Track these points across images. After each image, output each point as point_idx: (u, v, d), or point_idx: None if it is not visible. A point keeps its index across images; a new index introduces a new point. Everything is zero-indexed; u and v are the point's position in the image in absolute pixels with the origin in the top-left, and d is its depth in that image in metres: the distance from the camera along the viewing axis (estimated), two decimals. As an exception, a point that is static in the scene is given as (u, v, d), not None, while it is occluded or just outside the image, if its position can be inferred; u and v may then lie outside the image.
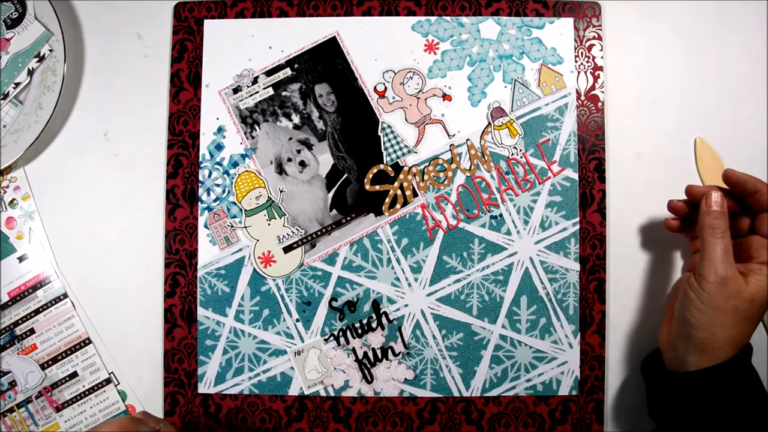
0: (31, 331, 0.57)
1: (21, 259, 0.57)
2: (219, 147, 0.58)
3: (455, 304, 0.57)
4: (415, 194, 0.57)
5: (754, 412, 0.45)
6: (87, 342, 0.57)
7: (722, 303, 0.45)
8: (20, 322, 0.57)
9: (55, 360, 0.57)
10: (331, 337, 0.57)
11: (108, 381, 0.57)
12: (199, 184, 0.58)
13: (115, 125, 0.59)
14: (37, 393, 0.57)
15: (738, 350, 0.46)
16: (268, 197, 0.58)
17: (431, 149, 0.58)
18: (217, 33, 0.59)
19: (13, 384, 0.57)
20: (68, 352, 0.57)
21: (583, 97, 0.58)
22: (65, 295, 0.57)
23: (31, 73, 0.57)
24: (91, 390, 0.57)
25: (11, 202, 0.57)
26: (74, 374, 0.57)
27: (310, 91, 0.58)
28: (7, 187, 0.58)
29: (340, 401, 0.57)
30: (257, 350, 0.57)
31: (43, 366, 0.57)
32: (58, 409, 0.57)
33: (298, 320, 0.57)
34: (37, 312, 0.57)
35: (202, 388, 0.57)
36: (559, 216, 0.57)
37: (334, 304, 0.57)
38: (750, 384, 0.46)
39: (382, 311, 0.57)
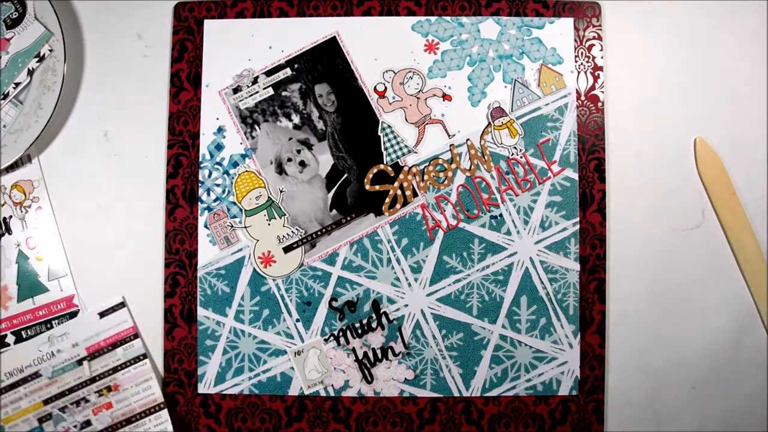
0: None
1: (102, 315, 0.56)
2: (219, 147, 0.58)
3: (455, 304, 0.57)
4: (415, 194, 0.57)
5: None
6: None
7: None
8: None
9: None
10: (331, 337, 0.57)
11: None
12: (199, 184, 0.58)
13: (115, 125, 0.59)
14: None
15: None
16: (268, 197, 0.58)
17: (431, 149, 0.58)
18: (217, 33, 0.59)
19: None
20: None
21: (583, 97, 0.58)
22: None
23: (31, 73, 0.57)
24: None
25: (32, 219, 0.57)
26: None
27: (310, 91, 0.58)
28: (29, 206, 0.57)
29: (340, 401, 0.57)
30: (257, 350, 0.57)
31: None
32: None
33: (298, 320, 0.57)
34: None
35: (202, 388, 0.57)
36: (559, 216, 0.57)
37: (334, 304, 0.57)
38: None
39: (382, 311, 0.57)
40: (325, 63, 0.58)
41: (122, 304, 0.57)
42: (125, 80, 0.59)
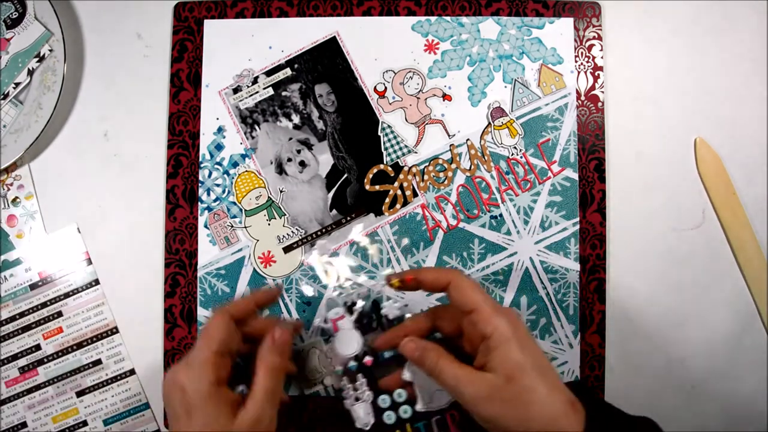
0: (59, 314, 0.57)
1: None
2: (219, 147, 0.58)
3: (455, 304, 0.57)
4: (415, 194, 0.57)
5: None
6: (115, 331, 0.57)
7: None
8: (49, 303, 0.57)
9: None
10: (331, 338, 0.57)
11: (132, 371, 0.57)
12: (199, 184, 0.58)
13: (115, 125, 0.59)
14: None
15: None
16: (268, 197, 0.58)
17: (431, 149, 0.58)
18: (217, 33, 0.59)
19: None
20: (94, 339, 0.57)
21: (583, 97, 0.58)
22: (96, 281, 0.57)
23: (31, 73, 0.57)
24: (115, 379, 0.57)
25: (14, 200, 0.57)
26: (98, 361, 0.57)
27: (310, 91, 0.58)
28: (11, 185, 0.58)
29: (340, 401, 0.56)
30: (257, 350, 0.57)
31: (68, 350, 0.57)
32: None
33: (297, 320, 0.57)
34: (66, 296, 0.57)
35: (202, 388, 0.57)
36: (559, 216, 0.57)
37: (334, 304, 0.57)
38: None
39: (382, 311, 0.56)
40: (325, 63, 0.58)
41: (77, 230, 0.57)
42: (125, 80, 0.59)
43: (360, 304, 0.52)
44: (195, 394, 0.41)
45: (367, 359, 0.50)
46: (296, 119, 0.58)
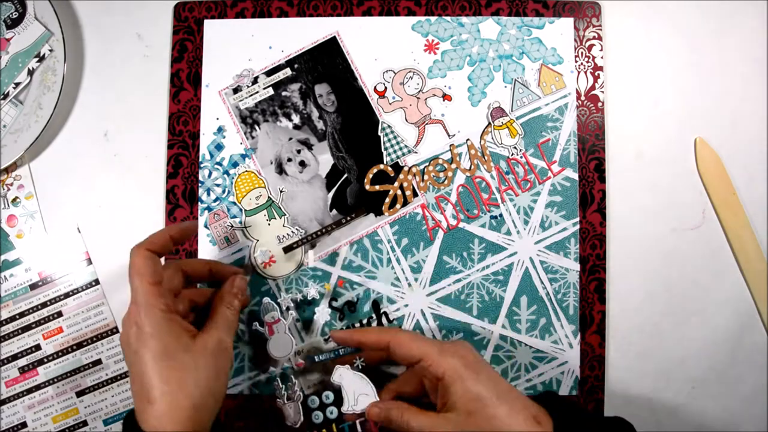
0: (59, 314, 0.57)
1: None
2: (219, 147, 0.58)
3: (455, 304, 0.57)
4: (415, 194, 0.57)
5: None
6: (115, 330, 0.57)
7: None
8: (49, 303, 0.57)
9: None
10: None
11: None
12: (199, 184, 0.58)
13: (115, 125, 0.59)
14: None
15: None
16: (268, 197, 0.58)
17: (431, 149, 0.58)
18: (217, 33, 0.59)
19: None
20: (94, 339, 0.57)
21: (583, 97, 0.58)
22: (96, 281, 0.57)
23: (31, 73, 0.57)
24: (115, 379, 0.57)
25: (14, 200, 0.57)
26: (98, 361, 0.57)
27: (310, 91, 0.58)
28: (11, 185, 0.58)
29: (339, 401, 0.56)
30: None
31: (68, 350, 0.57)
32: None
33: (298, 320, 0.57)
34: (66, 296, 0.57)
35: (202, 388, 0.57)
36: (559, 216, 0.57)
37: (334, 304, 0.57)
38: None
39: (382, 311, 0.57)
40: (325, 63, 0.58)
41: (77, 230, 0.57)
42: (125, 80, 0.59)
43: (293, 311, 0.54)
44: (148, 323, 0.42)
45: (299, 362, 0.53)
46: (296, 119, 0.58)
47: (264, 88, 0.58)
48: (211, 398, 0.43)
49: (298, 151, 0.58)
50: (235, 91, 0.58)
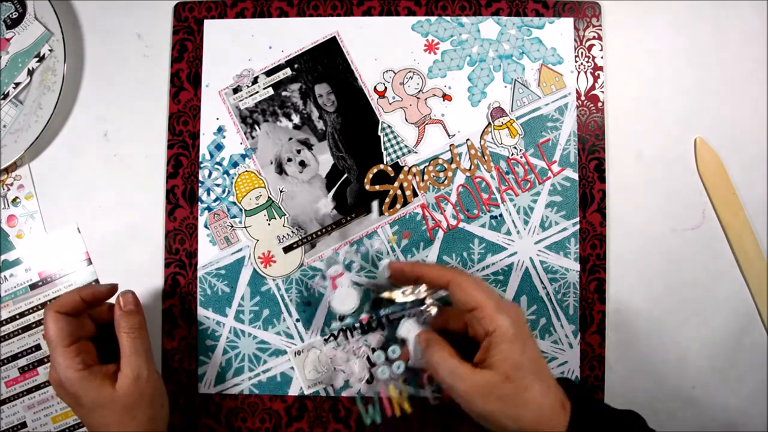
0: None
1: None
2: (219, 147, 0.58)
3: (455, 304, 0.57)
4: (415, 194, 0.57)
5: None
6: None
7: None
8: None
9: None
10: (331, 337, 0.57)
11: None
12: (199, 184, 0.58)
13: (115, 125, 0.59)
14: None
15: None
16: (268, 197, 0.58)
17: (431, 149, 0.58)
18: (217, 33, 0.59)
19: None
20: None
21: (583, 97, 0.58)
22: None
23: (31, 73, 0.57)
24: None
25: (14, 200, 0.57)
26: None
27: (310, 91, 0.58)
28: (11, 185, 0.58)
29: (340, 401, 0.57)
30: (257, 350, 0.57)
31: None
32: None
33: (298, 320, 0.57)
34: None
35: (202, 389, 0.57)
36: (559, 216, 0.57)
37: (334, 304, 0.57)
38: None
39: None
40: (325, 63, 0.58)
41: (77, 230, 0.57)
42: (125, 80, 0.59)
43: (357, 263, 0.53)
44: (70, 384, 0.46)
45: (364, 316, 0.52)
46: (296, 119, 0.58)
47: (264, 88, 0.58)
48: (152, 424, 0.48)
49: (298, 151, 0.58)
50: (235, 91, 0.58)
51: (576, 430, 0.41)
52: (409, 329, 0.48)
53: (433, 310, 0.48)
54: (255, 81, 0.58)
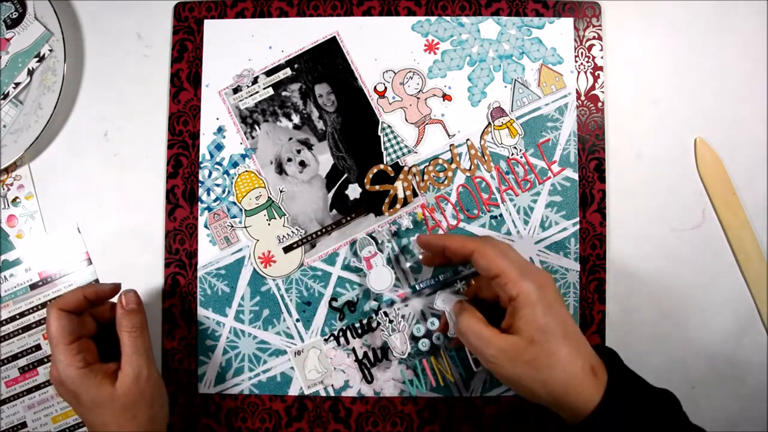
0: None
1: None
2: (219, 147, 0.58)
3: (455, 304, 0.57)
4: (415, 194, 0.57)
5: None
6: None
7: None
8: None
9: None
10: (331, 337, 0.57)
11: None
12: (199, 184, 0.58)
13: (115, 125, 0.59)
14: None
15: None
16: (268, 197, 0.58)
17: (431, 149, 0.58)
18: (217, 33, 0.59)
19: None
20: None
21: (583, 97, 0.58)
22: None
23: (31, 73, 0.57)
24: None
25: (14, 200, 0.57)
26: None
27: (310, 91, 0.58)
28: (11, 185, 0.58)
29: (340, 401, 0.57)
30: (257, 350, 0.57)
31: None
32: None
33: (298, 320, 0.57)
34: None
35: (202, 389, 0.57)
36: (559, 216, 0.57)
37: (334, 304, 0.57)
38: None
39: (382, 311, 0.56)
40: (325, 63, 0.58)
41: (77, 230, 0.58)
42: (125, 80, 0.59)
43: (389, 244, 0.55)
44: (71, 382, 0.46)
45: (400, 292, 0.55)
46: (296, 119, 0.58)
47: (264, 88, 0.58)
48: (152, 423, 0.48)
49: (298, 151, 0.58)
50: (235, 91, 0.58)
51: (610, 401, 0.41)
52: (444, 300, 0.51)
53: (463, 283, 0.51)
54: (255, 81, 0.58)
